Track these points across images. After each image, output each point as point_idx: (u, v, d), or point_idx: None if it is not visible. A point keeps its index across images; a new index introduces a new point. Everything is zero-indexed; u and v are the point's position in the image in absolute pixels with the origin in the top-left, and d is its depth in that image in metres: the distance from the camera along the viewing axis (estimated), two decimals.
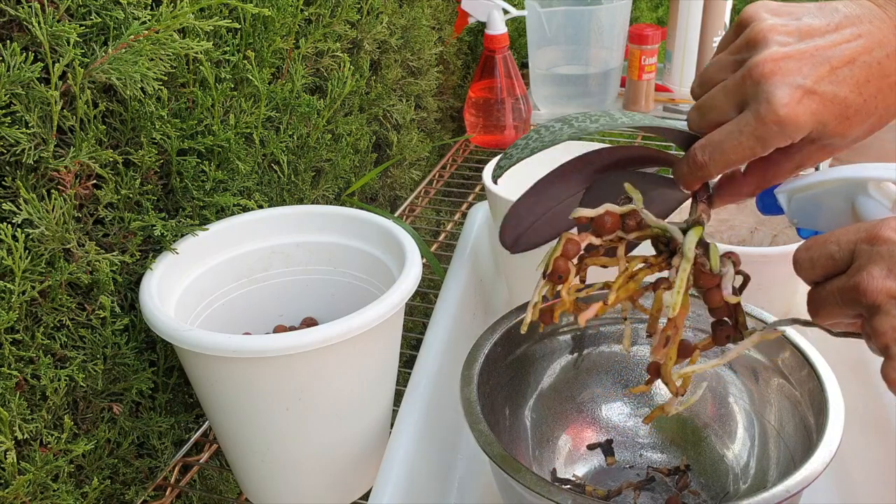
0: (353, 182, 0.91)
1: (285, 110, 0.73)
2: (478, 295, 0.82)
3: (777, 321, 0.45)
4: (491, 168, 0.81)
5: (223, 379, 0.53)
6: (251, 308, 0.67)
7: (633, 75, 1.20)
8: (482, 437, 0.49)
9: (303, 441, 0.57)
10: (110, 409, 0.59)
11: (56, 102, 0.49)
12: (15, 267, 0.48)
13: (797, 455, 0.52)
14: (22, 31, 0.48)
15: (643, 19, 1.89)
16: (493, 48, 1.08)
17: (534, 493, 0.44)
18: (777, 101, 0.40)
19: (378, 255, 0.65)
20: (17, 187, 0.49)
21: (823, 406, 0.49)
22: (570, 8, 1.14)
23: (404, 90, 1.02)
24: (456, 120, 1.27)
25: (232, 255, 0.65)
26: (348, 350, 0.53)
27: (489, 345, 0.56)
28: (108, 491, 0.61)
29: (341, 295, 0.68)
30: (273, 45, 0.67)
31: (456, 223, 1.05)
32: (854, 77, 0.40)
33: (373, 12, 0.87)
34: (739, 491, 0.57)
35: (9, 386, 0.49)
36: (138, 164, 0.57)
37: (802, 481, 0.44)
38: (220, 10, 0.60)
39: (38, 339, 0.52)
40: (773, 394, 0.57)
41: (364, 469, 0.62)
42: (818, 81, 0.40)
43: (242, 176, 0.67)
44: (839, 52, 0.40)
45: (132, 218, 0.57)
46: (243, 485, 0.63)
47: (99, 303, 0.55)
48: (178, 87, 0.60)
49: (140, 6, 0.53)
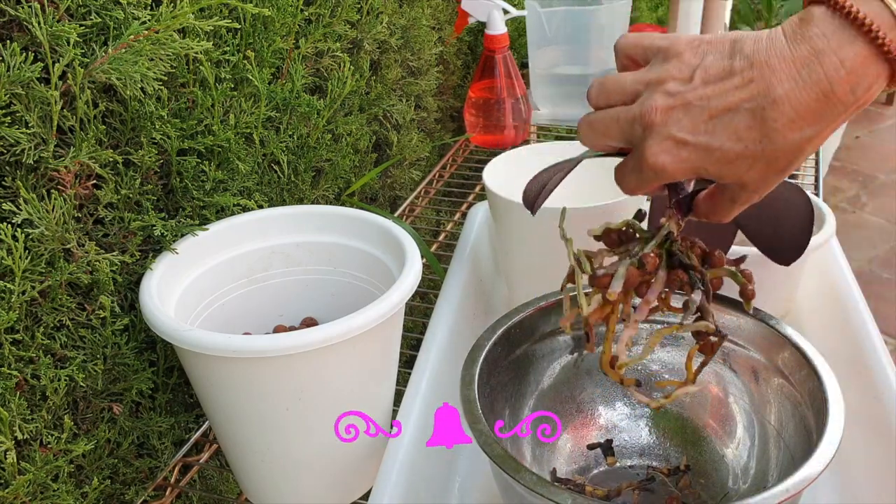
0: (353, 182, 0.91)
1: (285, 110, 0.73)
2: (478, 295, 0.82)
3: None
4: (491, 168, 0.81)
5: (223, 379, 0.53)
6: (251, 308, 0.67)
7: None
8: (482, 437, 0.49)
9: (303, 441, 0.57)
10: (110, 409, 0.59)
11: (56, 102, 0.49)
12: (15, 267, 0.48)
13: (797, 455, 0.52)
14: (22, 31, 0.48)
15: (643, 19, 1.88)
16: (493, 48, 1.08)
17: (534, 493, 0.44)
18: (649, 150, 0.44)
19: (378, 255, 0.65)
20: (17, 187, 0.49)
21: (823, 406, 0.49)
22: (570, 8, 1.14)
23: (404, 90, 1.02)
24: (456, 120, 1.27)
25: (232, 255, 0.65)
26: (348, 350, 0.53)
27: (489, 345, 0.56)
28: (108, 491, 0.61)
29: (341, 295, 0.68)
30: (273, 45, 0.67)
31: (456, 223, 1.05)
32: (733, 125, 0.42)
33: (373, 12, 0.87)
34: (739, 491, 0.57)
35: (9, 386, 0.49)
36: (138, 164, 0.57)
37: (802, 481, 0.44)
38: (220, 10, 0.60)
39: (38, 339, 0.52)
40: (773, 394, 0.57)
41: (364, 469, 0.62)
42: (693, 132, 0.43)
43: (242, 176, 0.67)
44: (721, 101, 0.42)
45: (132, 218, 0.57)
46: (243, 485, 0.63)
47: (99, 303, 0.55)
48: (178, 87, 0.60)
49: (140, 6, 0.53)
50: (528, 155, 0.86)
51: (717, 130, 0.42)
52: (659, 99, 0.44)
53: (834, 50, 0.40)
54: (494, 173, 0.80)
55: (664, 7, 2.04)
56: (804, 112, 0.41)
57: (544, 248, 0.77)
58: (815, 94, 0.41)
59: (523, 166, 0.85)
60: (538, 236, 0.76)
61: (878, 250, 2.26)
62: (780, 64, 0.41)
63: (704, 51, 0.44)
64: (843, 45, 0.40)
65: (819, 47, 0.40)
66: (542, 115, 1.22)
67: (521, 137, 1.13)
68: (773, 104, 0.41)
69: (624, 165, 0.47)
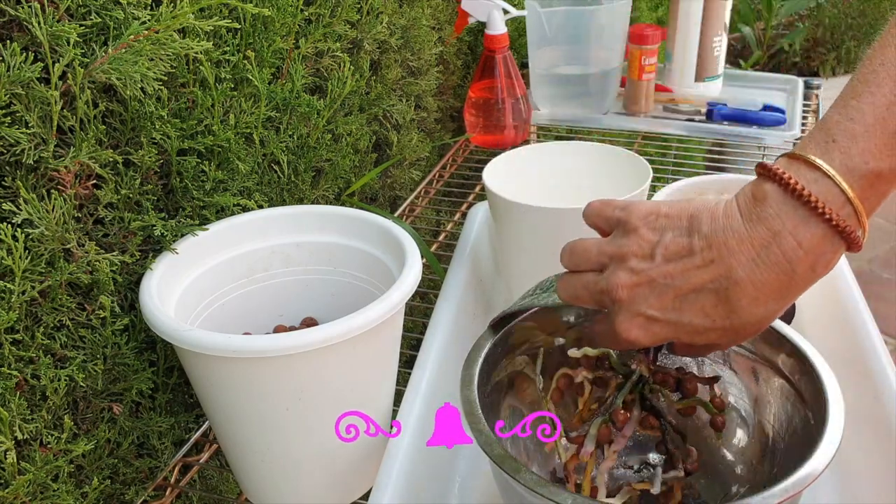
0: (353, 182, 0.91)
1: (285, 110, 0.73)
2: (478, 295, 0.82)
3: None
4: (491, 168, 0.81)
5: (223, 379, 0.53)
6: (251, 308, 0.67)
7: (633, 75, 1.20)
8: (482, 437, 0.49)
9: (303, 441, 0.57)
10: (110, 409, 0.59)
11: (56, 102, 0.49)
12: (15, 267, 0.48)
13: (797, 455, 0.52)
14: (22, 31, 0.48)
15: (643, 19, 1.88)
16: (493, 48, 1.08)
17: (534, 493, 0.44)
18: (620, 325, 0.46)
19: (378, 255, 0.65)
20: (17, 187, 0.49)
21: (823, 406, 0.49)
22: (570, 8, 1.14)
23: (404, 90, 1.02)
24: (456, 120, 1.27)
25: (232, 255, 0.65)
26: (348, 350, 0.53)
27: (489, 345, 0.56)
28: (108, 491, 0.61)
29: (341, 295, 0.68)
30: (273, 45, 0.67)
31: (456, 223, 1.05)
32: (700, 302, 0.44)
33: (373, 12, 0.87)
34: (739, 491, 0.57)
35: (9, 386, 0.49)
36: (138, 164, 0.57)
37: (802, 481, 0.44)
38: (220, 10, 0.60)
39: (38, 339, 0.52)
40: (773, 394, 0.57)
41: (364, 469, 0.62)
42: (661, 310, 0.45)
43: (242, 176, 0.67)
44: (686, 281, 0.44)
45: (132, 218, 0.57)
46: (243, 485, 0.63)
47: (99, 303, 0.55)
48: (178, 87, 0.60)
49: (140, 6, 0.53)
50: (528, 155, 0.86)
51: (684, 308, 0.44)
52: (622, 276, 0.45)
53: (790, 231, 0.41)
54: (494, 173, 0.80)
55: (664, 7, 2.03)
56: (767, 290, 0.42)
57: (544, 248, 0.77)
58: (775, 274, 0.42)
59: (523, 166, 0.85)
60: (538, 236, 0.76)
61: (878, 250, 2.26)
62: (738, 245, 0.42)
63: (662, 226, 0.45)
64: (798, 225, 0.41)
65: (776, 228, 0.41)
66: (542, 115, 1.22)
67: (521, 137, 1.13)
68: (735, 285, 0.42)
69: (599, 324, 0.50)
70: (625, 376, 0.56)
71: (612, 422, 0.55)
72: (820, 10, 2.74)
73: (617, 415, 0.54)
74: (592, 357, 0.58)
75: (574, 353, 0.58)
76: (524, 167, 0.85)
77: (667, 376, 0.57)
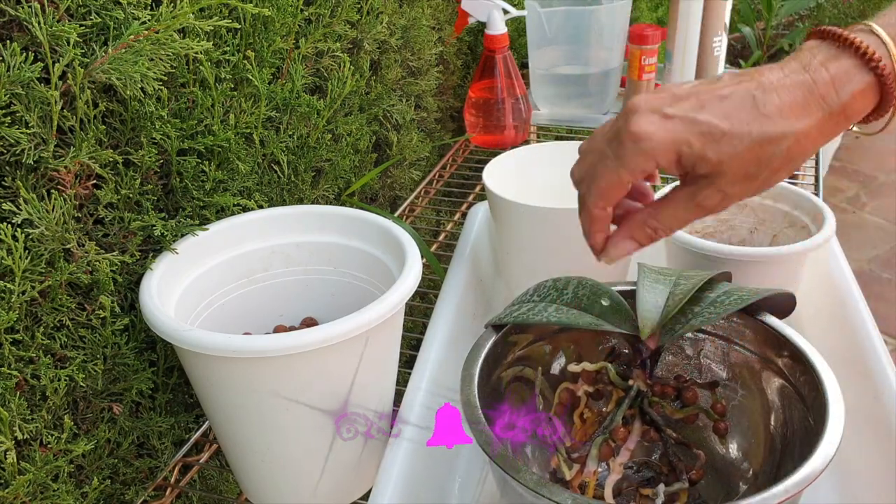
0: (353, 182, 0.91)
1: (285, 110, 0.73)
2: (478, 295, 0.82)
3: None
4: (491, 168, 0.81)
5: (223, 379, 0.53)
6: (251, 308, 0.67)
7: (633, 75, 1.20)
8: (482, 437, 0.49)
9: (303, 441, 0.57)
10: (110, 409, 0.59)
11: (56, 102, 0.49)
12: (15, 267, 0.48)
13: (797, 455, 0.52)
14: (22, 31, 0.48)
15: (643, 19, 1.88)
16: (493, 48, 1.08)
17: (534, 493, 0.44)
18: (633, 121, 0.43)
19: (378, 255, 0.65)
20: (17, 187, 0.49)
21: (823, 406, 0.49)
22: (570, 8, 1.14)
23: (404, 90, 1.02)
24: (456, 120, 1.27)
25: (232, 255, 0.65)
26: (348, 350, 0.53)
27: (489, 345, 0.56)
28: (108, 491, 0.61)
29: (341, 295, 0.68)
30: (273, 45, 0.67)
31: (456, 223, 1.05)
32: (723, 106, 0.43)
33: (373, 12, 0.87)
34: (740, 491, 0.57)
35: (9, 386, 0.49)
36: (138, 164, 0.57)
37: (802, 481, 0.44)
38: (220, 10, 0.60)
39: (38, 339, 0.52)
40: (774, 394, 0.57)
41: (364, 469, 0.62)
42: (680, 109, 0.43)
43: (242, 176, 0.67)
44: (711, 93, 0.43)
45: (132, 218, 0.57)
46: (243, 485, 0.63)
47: (99, 303, 0.55)
48: (178, 87, 0.60)
49: (140, 6, 0.53)
50: (528, 155, 0.86)
51: (705, 108, 0.43)
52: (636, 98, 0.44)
53: (820, 62, 0.43)
54: (494, 173, 0.80)
55: (664, 7, 2.03)
56: (791, 104, 0.42)
57: (544, 248, 0.77)
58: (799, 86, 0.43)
59: (523, 166, 0.85)
60: (538, 236, 0.76)
61: (878, 250, 2.26)
62: (768, 70, 0.44)
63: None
64: (829, 59, 0.43)
65: (805, 60, 0.43)
66: (542, 115, 1.22)
67: (521, 137, 1.13)
68: (763, 90, 0.43)
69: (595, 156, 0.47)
70: (624, 390, 0.57)
71: (613, 440, 0.55)
72: (820, 11, 2.74)
73: (617, 433, 0.55)
74: (591, 371, 0.58)
75: (573, 368, 0.59)
76: (524, 167, 0.85)
77: (666, 387, 0.57)
